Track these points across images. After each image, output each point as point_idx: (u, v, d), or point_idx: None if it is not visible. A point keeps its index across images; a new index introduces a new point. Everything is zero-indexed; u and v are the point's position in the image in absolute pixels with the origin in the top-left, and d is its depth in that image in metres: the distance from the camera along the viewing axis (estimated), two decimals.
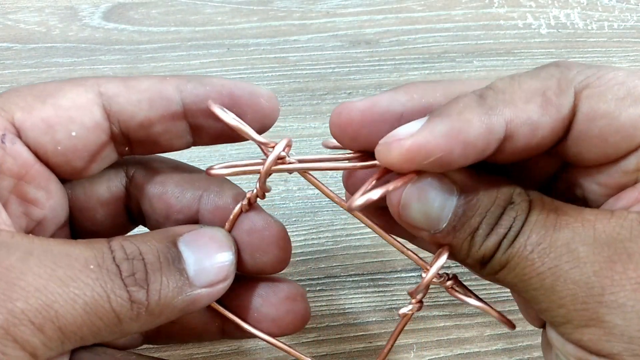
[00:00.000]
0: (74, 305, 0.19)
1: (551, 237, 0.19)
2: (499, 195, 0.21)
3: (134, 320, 0.20)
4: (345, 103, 0.22)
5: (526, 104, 0.19)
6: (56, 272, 0.19)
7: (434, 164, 0.19)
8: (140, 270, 0.20)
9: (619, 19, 0.45)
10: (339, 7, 0.44)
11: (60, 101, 0.22)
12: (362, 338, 0.36)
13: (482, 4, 0.45)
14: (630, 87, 0.20)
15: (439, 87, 0.22)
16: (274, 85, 0.41)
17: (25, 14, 0.42)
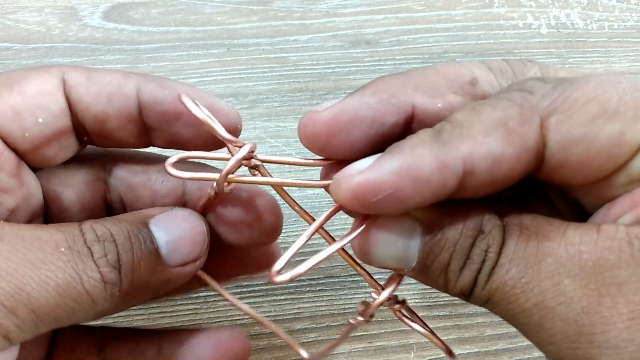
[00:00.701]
0: (46, 288, 0.19)
1: (533, 270, 0.18)
2: (465, 225, 0.19)
3: (107, 300, 0.20)
4: (309, 114, 0.21)
5: (486, 137, 0.18)
6: (27, 255, 0.19)
7: (385, 203, 0.18)
8: (111, 251, 0.20)
9: (619, 19, 0.45)
10: (339, 7, 0.44)
11: (26, 88, 0.22)
12: (362, 338, 0.36)
13: (482, 4, 0.45)
14: (603, 102, 0.18)
15: (409, 82, 0.21)
16: (274, 85, 0.41)
17: (25, 14, 0.42)
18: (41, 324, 0.19)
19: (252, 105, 0.41)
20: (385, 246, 0.20)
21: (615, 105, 0.18)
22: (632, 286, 0.17)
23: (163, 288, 0.22)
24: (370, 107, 0.21)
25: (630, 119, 0.18)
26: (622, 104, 0.18)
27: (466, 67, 0.22)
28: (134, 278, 0.21)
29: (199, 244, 0.23)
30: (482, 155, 0.18)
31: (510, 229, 0.19)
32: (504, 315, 0.19)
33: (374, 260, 0.21)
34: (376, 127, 0.21)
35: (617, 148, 0.18)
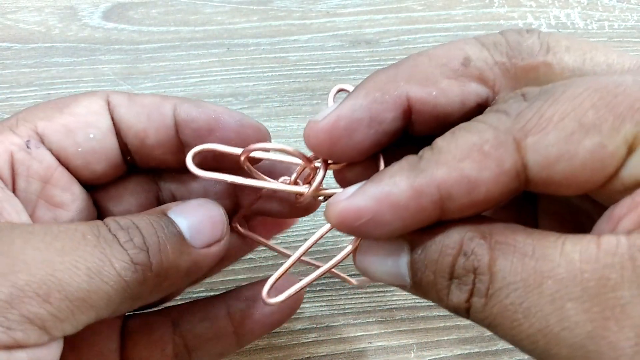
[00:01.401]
0: (76, 272, 0.19)
1: (533, 294, 0.17)
2: (444, 243, 0.19)
3: (141, 283, 0.21)
4: (310, 124, 0.22)
5: (460, 162, 0.18)
6: (54, 244, 0.19)
7: (368, 227, 0.19)
8: (136, 235, 0.21)
9: (619, 19, 0.45)
10: (339, 7, 0.44)
11: (77, 109, 0.24)
12: (362, 338, 0.36)
13: (482, 4, 0.45)
14: (578, 116, 0.17)
15: (401, 74, 0.21)
16: (274, 85, 0.41)
17: (25, 14, 0.42)
18: (78, 312, 0.19)
19: (252, 105, 0.41)
20: (377, 264, 0.21)
21: (593, 118, 0.17)
22: (637, 308, 0.16)
23: (194, 271, 0.23)
24: (365, 108, 0.21)
25: (609, 129, 0.17)
26: (600, 115, 0.17)
27: (458, 46, 0.21)
28: (162, 259, 0.21)
29: (219, 224, 0.24)
30: (456, 180, 0.18)
31: (503, 248, 0.18)
32: (509, 340, 0.18)
33: (371, 276, 0.22)
34: (375, 125, 0.21)
35: (600, 161, 0.17)
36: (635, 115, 0.17)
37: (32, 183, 0.24)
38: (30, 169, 0.24)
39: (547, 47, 0.21)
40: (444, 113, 0.21)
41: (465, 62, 0.21)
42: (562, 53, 0.21)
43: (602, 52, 0.21)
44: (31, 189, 0.24)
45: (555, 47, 0.21)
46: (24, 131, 0.23)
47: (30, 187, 0.24)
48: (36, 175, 0.24)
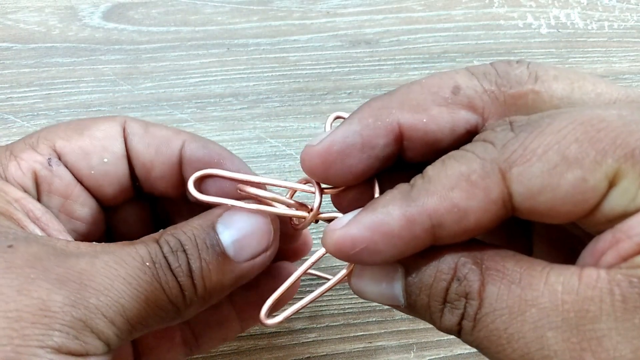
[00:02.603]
0: (137, 300, 0.21)
1: (517, 321, 0.18)
2: (439, 268, 0.20)
3: (189, 306, 0.23)
4: (306, 148, 0.23)
5: (450, 191, 0.19)
6: (120, 272, 0.21)
7: (363, 255, 0.20)
8: (183, 261, 0.23)
9: (619, 19, 0.45)
10: (339, 7, 0.44)
11: (95, 132, 0.26)
12: (362, 338, 0.36)
13: (482, 4, 0.45)
14: (562, 149, 0.18)
15: (393, 101, 0.22)
16: (274, 85, 0.41)
17: (25, 14, 0.42)
18: (135, 331, 0.22)
19: (252, 105, 0.41)
20: (371, 286, 0.22)
21: (575, 152, 0.18)
22: (613, 340, 0.17)
23: (239, 282, 0.24)
24: (358, 133, 0.22)
25: (591, 163, 0.18)
26: (582, 149, 0.18)
27: (449, 75, 0.22)
28: (205, 282, 0.23)
29: (265, 235, 0.24)
30: (446, 209, 0.19)
31: (492, 274, 0.19)
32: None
33: (366, 298, 0.23)
34: (368, 150, 0.22)
35: (581, 194, 0.18)
36: (616, 151, 0.18)
37: (54, 199, 0.25)
38: (52, 186, 0.25)
39: (535, 76, 0.22)
40: (434, 139, 0.22)
41: (455, 91, 0.22)
42: (550, 82, 0.22)
43: (591, 81, 0.22)
44: (53, 204, 0.25)
45: (543, 76, 0.22)
46: (45, 149, 0.25)
47: (52, 202, 0.25)
48: (57, 191, 0.25)
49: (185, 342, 0.29)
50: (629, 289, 0.17)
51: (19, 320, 0.19)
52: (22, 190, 0.25)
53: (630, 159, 0.17)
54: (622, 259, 0.18)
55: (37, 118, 0.39)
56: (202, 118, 0.40)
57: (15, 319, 0.19)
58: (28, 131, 0.39)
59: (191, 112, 0.40)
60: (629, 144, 0.18)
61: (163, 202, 0.30)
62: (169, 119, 0.40)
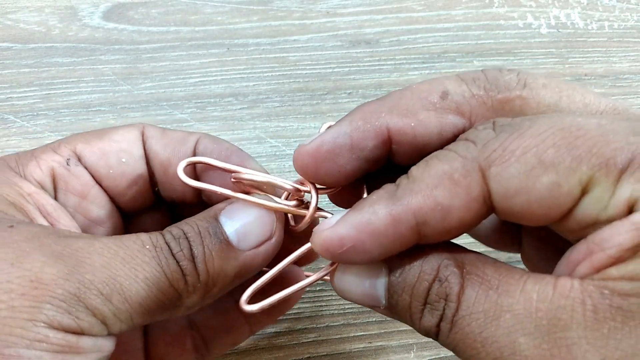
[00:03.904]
0: (136, 280, 0.21)
1: (492, 325, 0.19)
2: (422, 268, 0.20)
3: (192, 292, 0.23)
4: (298, 148, 0.23)
5: (433, 190, 0.20)
6: (118, 252, 0.21)
7: (350, 254, 0.20)
8: (185, 247, 0.23)
9: (619, 19, 0.45)
10: (339, 7, 0.44)
11: (114, 136, 0.26)
12: (362, 338, 0.36)
13: (482, 4, 0.45)
14: (539, 153, 0.18)
15: (384, 106, 0.23)
16: (274, 85, 0.41)
17: (25, 14, 0.42)
18: (135, 315, 0.21)
19: (252, 105, 0.41)
20: (354, 284, 0.22)
21: (552, 157, 0.18)
22: (582, 349, 0.17)
23: (243, 273, 0.24)
24: (347, 134, 0.23)
25: (566, 169, 0.18)
26: (559, 155, 0.18)
27: (438, 81, 0.23)
28: (208, 268, 0.23)
29: (267, 224, 0.24)
30: (430, 207, 0.20)
31: (472, 279, 0.20)
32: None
33: (347, 297, 0.23)
34: (357, 152, 0.23)
35: (555, 199, 0.18)
36: (592, 159, 0.18)
37: (70, 197, 0.26)
38: (68, 184, 0.26)
39: (524, 83, 0.22)
40: (422, 143, 0.23)
41: (443, 96, 0.23)
42: (538, 89, 0.22)
43: (580, 92, 0.22)
44: (69, 202, 0.26)
45: (532, 84, 0.22)
46: (65, 151, 0.26)
47: (68, 201, 0.26)
48: (74, 190, 0.26)
49: (196, 348, 0.29)
50: (600, 300, 0.17)
51: (9, 292, 0.19)
52: (39, 187, 0.25)
53: (604, 167, 0.18)
54: (595, 270, 0.18)
55: (37, 118, 0.39)
56: (202, 118, 0.40)
57: (5, 290, 0.19)
58: (28, 131, 0.39)
59: (191, 112, 0.40)
60: (604, 154, 0.18)
61: (182, 211, 0.30)
62: (169, 119, 0.40)
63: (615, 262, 0.18)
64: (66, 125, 0.39)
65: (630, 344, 0.17)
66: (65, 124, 0.39)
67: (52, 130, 0.39)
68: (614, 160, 0.18)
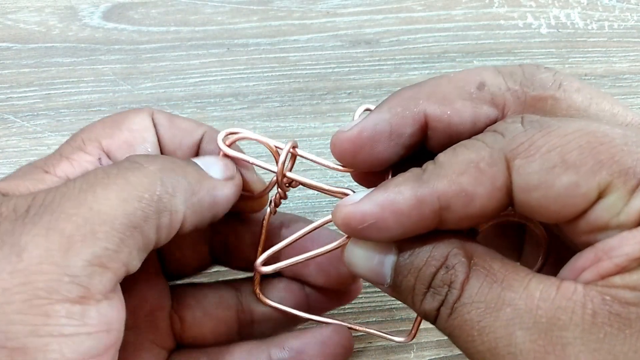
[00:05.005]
0: (109, 201, 0.20)
1: (491, 316, 0.19)
2: (432, 254, 0.21)
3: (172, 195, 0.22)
4: (337, 133, 0.24)
5: (459, 176, 0.20)
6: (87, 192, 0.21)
7: (370, 230, 0.21)
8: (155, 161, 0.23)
9: (619, 19, 0.45)
10: (339, 7, 0.44)
11: (132, 125, 0.26)
12: (362, 338, 0.36)
13: (482, 4, 0.45)
14: (564, 152, 0.19)
15: (422, 93, 0.23)
16: (274, 85, 0.41)
17: (25, 14, 0.42)
18: (126, 238, 0.20)
19: (252, 105, 0.41)
20: (363, 259, 0.23)
21: (575, 157, 0.19)
22: (576, 349, 0.18)
23: (215, 205, 0.24)
24: (387, 121, 0.23)
25: (587, 172, 0.19)
26: (582, 157, 0.19)
27: (476, 72, 0.23)
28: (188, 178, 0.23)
29: (229, 165, 0.26)
30: (455, 192, 0.20)
31: (478, 270, 0.20)
32: (463, 352, 0.20)
33: (354, 270, 0.23)
34: (395, 138, 0.23)
35: (572, 198, 0.19)
36: (613, 165, 0.19)
37: None
38: None
39: (559, 84, 0.23)
40: (456, 131, 0.23)
41: (480, 87, 0.23)
42: (571, 92, 0.22)
43: (610, 101, 0.22)
44: None
45: (567, 86, 0.23)
46: (93, 150, 0.25)
47: None
48: None
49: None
50: (600, 305, 0.18)
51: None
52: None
53: (623, 175, 0.18)
54: (600, 277, 0.19)
55: (37, 118, 0.39)
56: (202, 118, 0.40)
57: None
58: (28, 131, 0.39)
59: (191, 112, 0.40)
60: (626, 162, 0.18)
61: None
62: None
63: (620, 270, 0.18)
64: (66, 125, 0.39)
65: (622, 350, 0.17)
66: (65, 124, 0.39)
67: (52, 130, 0.39)
68: (634, 170, 0.18)
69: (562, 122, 0.20)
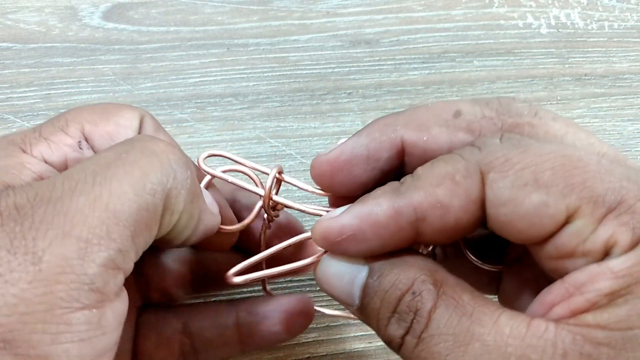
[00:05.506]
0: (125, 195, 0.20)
1: (459, 350, 0.19)
2: (398, 278, 0.21)
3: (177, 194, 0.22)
4: (317, 157, 0.24)
5: (435, 188, 0.20)
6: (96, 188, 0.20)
7: (348, 243, 0.21)
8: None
9: (619, 19, 0.45)
10: (339, 7, 0.44)
11: (120, 120, 0.26)
12: (362, 338, 0.36)
13: (482, 4, 0.45)
14: (536, 172, 0.19)
15: (400, 120, 0.24)
16: (274, 85, 0.41)
17: (25, 14, 0.42)
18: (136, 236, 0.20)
19: (252, 105, 0.41)
20: (334, 277, 0.23)
21: (547, 177, 0.19)
22: None
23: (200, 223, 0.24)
24: (365, 145, 0.24)
25: (557, 193, 0.19)
26: (554, 178, 0.19)
27: (453, 102, 0.24)
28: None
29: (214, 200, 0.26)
30: (430, 204, 0.20)
31: (447, 300, 0.20)
32: None
33: (325, 288, 0.23)
34: (372, 162, 0.24)
35: (539, 218, 0.19)
36: (583, 190, 0.19)
37: None
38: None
39: (535, 113, 0.23)
40: (432, 157, 0.23)
41: (456, 114, 0.23)
42: (548, 120, 0.23)
43: (586, 133, 0.23)
44: None
45: (543, 115, 0.23)
46: (74, 132, 0.24)
47: None
48: None
49: (184, 354, 0.29)
50: (571, 346, 0.18)
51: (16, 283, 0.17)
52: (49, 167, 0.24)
53: (592, 202, 0.19)
54: (572, 313, 0.18)
55: (37, 118, 0.39)
56: (202, 118, 0.40)
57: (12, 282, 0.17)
58: None
59: (191, 112, 0.40)
60: (596, 190, 0.19)
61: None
62: (169, 119, 0.40)
63: (592, 307, 0.18)
64: None
65: None
66: None
67: None
68: (603, 198, 0.18)
69: (540, 143, 0.20)
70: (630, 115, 0.43)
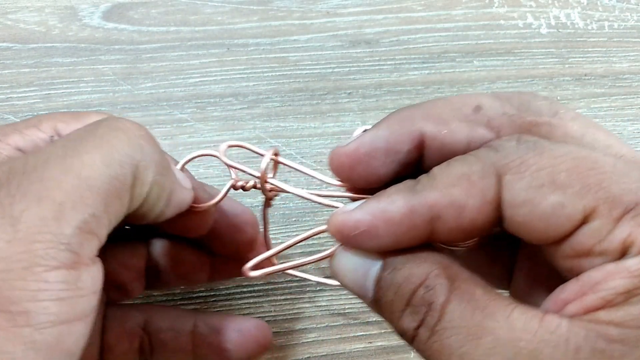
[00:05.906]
0: (94, 165, 0.20)
1: (472, 343, 0.19)
2: (412, 271, 0.21)
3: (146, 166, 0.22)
4: (336, 149, 0.24)
5: (451, 188, 0.20)
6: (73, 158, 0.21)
7: (362, 238, 0.21)
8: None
9: (619, 19, 0.45)
10: (339, 7, 0.44)
11: (88, 121, 0.25)
12: (362, 338, 0.36)
13: (482, 4, 0.45)
14: (553, 173, 0.19)
15: (419, 112, 0.24)
16: (274, 85, 0.41)
17: (25, 14, 0.42)
18: (110, 204, 0.21)
19: (252, 105, 0.41)
20: (348, 270, 0.23)
21: (563, 179, 0.19)
22: None
23: (172, 196, 0.24)
24: (384, 138, 0.23)
25: (573, 194, 0.19)
26: (570, 179, 0.19)
27: (474, 96, 0.24)
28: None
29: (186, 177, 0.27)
30: (446, 203, 0.20)
31: (460, 295, 0.20)
32: None
33: (340, 280, 0.23)
34: (392, 155, 0.23)
35: (556, 218, 0.19)
36: (600, 191, 0.19)
37: None
38: None
39: (555, 112, 0.23)
40: (451, 151, 0.23)
41: (477, 109, 0.23)
42: (567, 120, 0.23)
43: (605, 133, 0.23)
44: None
45: (563, 114, 0.23)
46: (47, 129, 0.25)
47: None
48: None
49: (142, 351, 0.30)
50: (583, 341, 0.18)
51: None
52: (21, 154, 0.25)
53: (609, 203, 0.19)
54: (585, 310, 0.18)
55: None
56: (202, 118, 0.40)
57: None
58: None
59: (191, 112, 0.40)
60: (612, 190, 0.19)
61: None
62: (169, 119, 0.40)
63: (606, 305, 0.18)
64: None
65: None
66: None
67: None
68: (620, 199, 0.19)
69: (556, 145, 0.20)
70: (630, 115, 0.43)
